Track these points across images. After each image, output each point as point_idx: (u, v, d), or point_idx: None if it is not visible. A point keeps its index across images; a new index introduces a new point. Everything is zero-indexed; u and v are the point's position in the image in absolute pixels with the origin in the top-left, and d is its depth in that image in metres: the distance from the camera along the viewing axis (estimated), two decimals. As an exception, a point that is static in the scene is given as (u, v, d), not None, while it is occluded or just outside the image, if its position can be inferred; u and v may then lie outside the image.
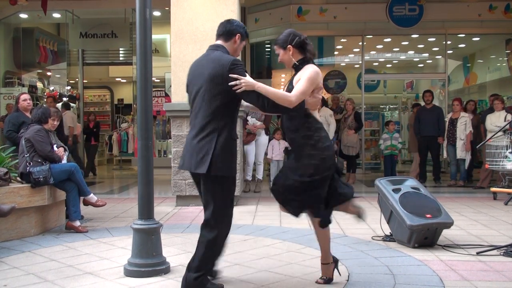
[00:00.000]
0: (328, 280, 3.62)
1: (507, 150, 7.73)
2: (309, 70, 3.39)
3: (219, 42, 3.41)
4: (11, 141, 6.45)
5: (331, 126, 9.72)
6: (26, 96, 6.79)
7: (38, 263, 4.29)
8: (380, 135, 12.29)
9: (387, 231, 5.00)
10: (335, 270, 3.66)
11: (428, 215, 4.59)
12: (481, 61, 14.42)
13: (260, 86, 3.21)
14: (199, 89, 3.29)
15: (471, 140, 9.31)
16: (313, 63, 3.54)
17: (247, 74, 3.22)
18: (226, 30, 3.40)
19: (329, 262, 3.63)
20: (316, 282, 3.62)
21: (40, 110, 5.86)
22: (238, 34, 3.42)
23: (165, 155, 13.01)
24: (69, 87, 15.59)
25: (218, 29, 3.44)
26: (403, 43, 13.42)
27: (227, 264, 4.13)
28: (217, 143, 3.20)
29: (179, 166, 3.41)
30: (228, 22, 3.46)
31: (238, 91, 3.16)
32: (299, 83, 3.33)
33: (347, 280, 3.70)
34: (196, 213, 6.62)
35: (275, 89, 3.30)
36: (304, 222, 5.94)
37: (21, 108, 6.61)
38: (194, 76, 3.36)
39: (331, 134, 9.76)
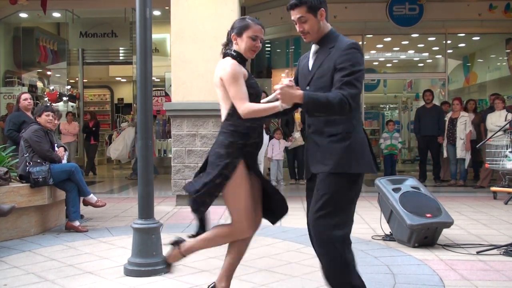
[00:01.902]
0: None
1: (507, 149, 7.74)
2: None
3: None
4: (12, 140, 6.49)
5: None
6: (27, 95, 6.83)
7: (38, 262, 4.29)
8: (380, 134, 12.30)
9: (387, 230, 5.00)
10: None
11: (428, 215, 4.59)
12: (481, 60, 14.41)
13: None
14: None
15: (473, 139, 9.31)
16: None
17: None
18: None
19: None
20: None
21: (38, 106, 5.96)
22: None
23: (165, 155, 13.02)
24: (69, 87, 15.60)
25: None
26: (403, 42, 13.42)
27: (227, 264, 4.13)
28: None
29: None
30: None
31: None
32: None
33: (347, 280, 3.70)
34: (196, 213, 6.62)
35: None
36: (303, 221, 5.94)
37: (22, 107, 6.65)
38: None
39: None
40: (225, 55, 3.07)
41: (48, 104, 7.45)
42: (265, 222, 3.35)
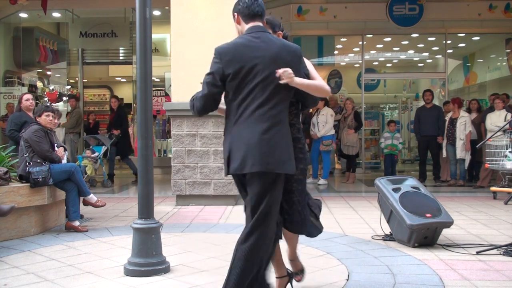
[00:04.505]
0: None
1: (507, 149, 7.74)
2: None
3: (260, 24, 2.95)
4: (13, 141, 6.54)
5: (328, 125, 9.78)
6: (29, 96, 6.91)
7: (38, 262, 4.29)
8: (380, 134, 12.30)
9: (387, 230, 5.00)
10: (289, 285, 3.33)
11: (428, 215, 4.59)
12: (481, 60, 14.42)
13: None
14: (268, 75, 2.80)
15: (474, 139, 9.31)
16: None
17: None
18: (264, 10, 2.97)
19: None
20: None
21: (38, 106, 5.98)
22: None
23: (165, 155, 13.03)
24: (69, 87, 15.59)
25: (258, 8, 2.93)
26: (403, 42, 13.43)
27: (227, 264, 4.12)
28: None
29: (238, 169, 2.79)
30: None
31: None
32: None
33: (347, 280, 3.70)
34: (196, 213, 6.62)
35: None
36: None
37: (24, 107, 6.71)
38: (261, 61, 2.80)
39: (324, 132, 9.80)
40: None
41: (48, 104, 7.45)
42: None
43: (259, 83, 2.78)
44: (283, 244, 3.25)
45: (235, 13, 2.99)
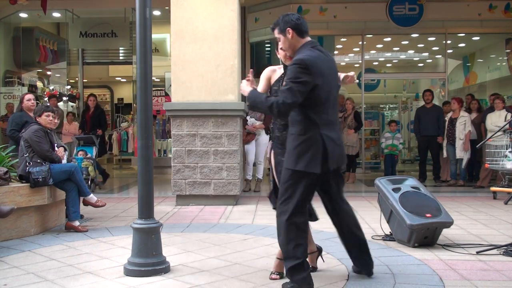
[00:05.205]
0: (313, 269, 3.77)
1: (507, 149, 7.74)
2: None
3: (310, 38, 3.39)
4: (14, 141, 6.56)
5: None
6: (30, 96, 6.96)
7: (38, 262, 4.29)
8: (380, 134, 12.30)
9: (387, 230, 5.00)
10: (320, 257, 3.93)
11: (428, 215, 4.59)
12: (481, 60, 14.41)
13: None
14: (336, 87, 3.40)
15: (474, 139, 9.30)
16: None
17: None
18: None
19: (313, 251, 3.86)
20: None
21: (38, 106, 5.98)
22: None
23: (165, 155, 13.03)
24: (69, 87, 15.60)
25: (307, 25, 3.35)
26: (403, 42, 13.43)
27: (227, 264, 4.13)
28: None
29: (334, 165, 3.32)
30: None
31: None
32: None
33: (347, 280, 3.71)
34: (196, 213, 6.62)
35: None
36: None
37: (25, 107, 6.74)
38: (329, 74, 3.30)
39: None
40: None
41: (48, 104, 7.46)
42: (265, 221, 3.35)
43: (333, 92, 3.30)
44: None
45: (289, 29, 3.30)
